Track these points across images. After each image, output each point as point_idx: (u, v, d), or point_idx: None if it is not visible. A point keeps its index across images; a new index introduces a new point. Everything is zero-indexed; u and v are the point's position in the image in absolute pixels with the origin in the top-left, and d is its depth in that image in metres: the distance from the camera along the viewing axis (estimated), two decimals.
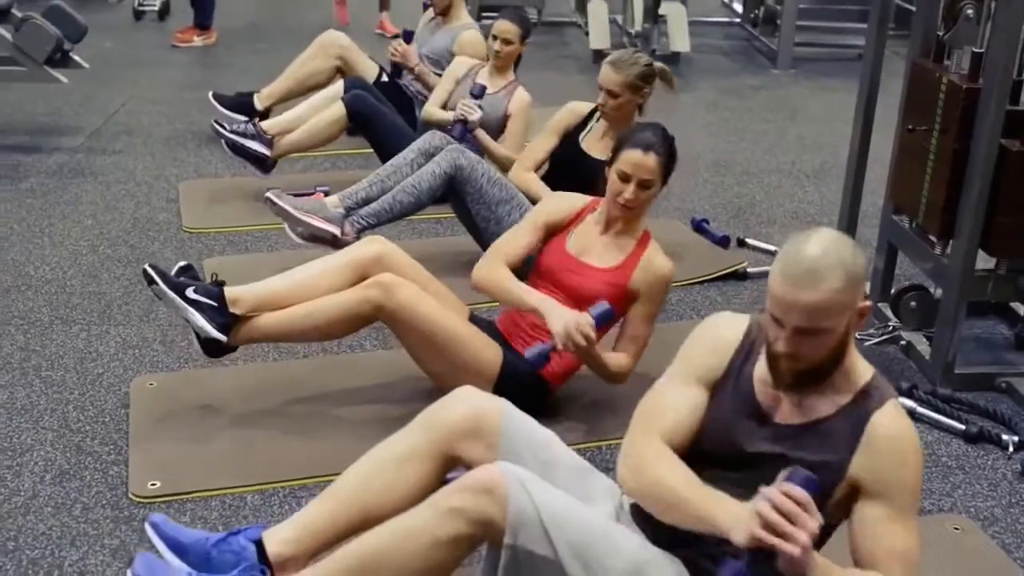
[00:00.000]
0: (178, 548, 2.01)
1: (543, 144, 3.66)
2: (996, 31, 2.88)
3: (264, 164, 4.23)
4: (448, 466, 2.03)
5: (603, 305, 2.58)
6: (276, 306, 2.72)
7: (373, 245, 2.83)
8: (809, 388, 1.81)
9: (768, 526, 1.58)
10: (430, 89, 4.44)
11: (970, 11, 3.01)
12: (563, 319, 2.56)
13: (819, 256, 1.69)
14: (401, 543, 1.81)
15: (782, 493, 1.60)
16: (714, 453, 1.86)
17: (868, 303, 1.77)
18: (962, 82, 2.99)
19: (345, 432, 2.75)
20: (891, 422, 1.79)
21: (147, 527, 2.04)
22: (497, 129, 4.03)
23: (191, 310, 2.64)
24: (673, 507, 1.76)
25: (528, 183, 3.60)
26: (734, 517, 1.65)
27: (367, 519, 1.94)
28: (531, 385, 2.74)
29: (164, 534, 2.02)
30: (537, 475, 1.85)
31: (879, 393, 1.81)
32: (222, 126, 4.20)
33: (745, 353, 1.89)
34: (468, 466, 1.97)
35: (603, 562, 1.78)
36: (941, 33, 3.18)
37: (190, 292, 2.66)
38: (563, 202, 2.91)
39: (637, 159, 2.68)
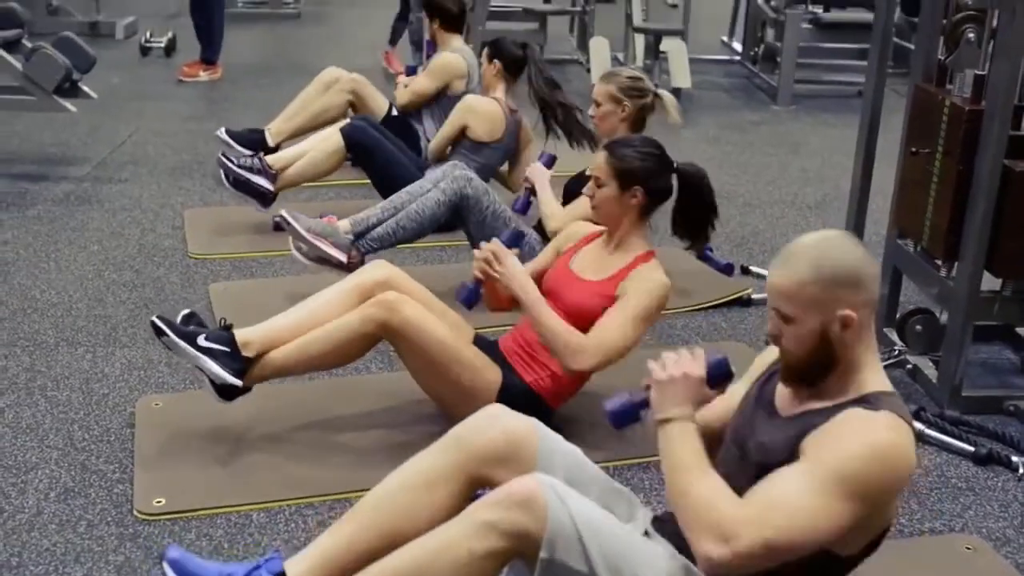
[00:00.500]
0: None
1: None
2: (998, 54, 2.91)
3: (266, 199, 4.24)
4: (476, 487, 1.97)
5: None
6: (285, 342, 2.69)
7: (377, 271, 2.83)
8: (805, 387, 1.79)
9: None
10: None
11: (971, 34, 3.05)
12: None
13: (802, 244, 1.75)
14: (435, 558, 1.76)
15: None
16: (726, 438, 1.91)
17: (851, 313, 1.71)
18: (965, 104, 3.01)
19: (350, 452, 2.74)
20: (863, 416, 1.68)
21: (165, 565, 1.94)
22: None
23: (205, 358, 2.61)
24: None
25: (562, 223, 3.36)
26: None
27: (390, 544, 1.87)
28: (530, 407, 2.71)
29: (183, 570, 1.94)
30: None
31: (879, 403, 1.72)
32: (229, 160, 4.21)
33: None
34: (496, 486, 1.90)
35: (636, 573, 1.75)
36: (943, 57, 3.21)
37: (201, 340, 2.62)
38: (579, 228, 2.99)
39: (595, 156, 2.78)
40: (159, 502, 2.50)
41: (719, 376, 1.82)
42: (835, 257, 1.71)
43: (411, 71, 4.68)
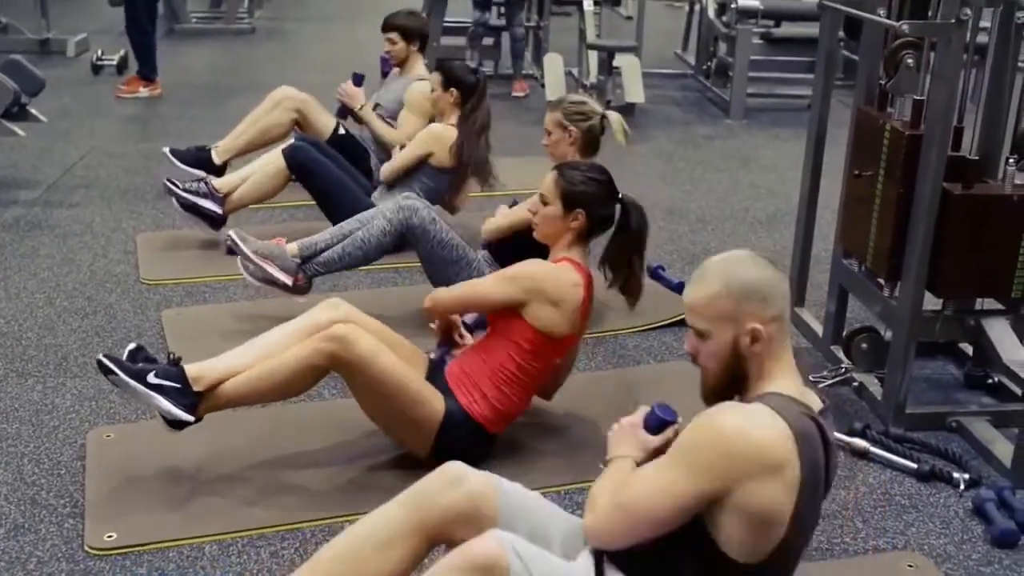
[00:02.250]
0: None
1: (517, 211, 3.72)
2: (935, 79, 2.98)
3: (215, 222, 4.24)
4: (435, 545, 2.00)
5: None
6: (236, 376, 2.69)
7: (332, 311, 2.81)
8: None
9: None
10: (375, 135, 4.55)
11: (910, 60, 3.11)
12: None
13: (713, 262, 1.90)
14: None
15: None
16: None
17: (758, 326, 1.82)
18: (905, 128, 3.08)
19: (303, 481, 2.75)
20: (726, 405, 1.83)
21: None
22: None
23: (155, 395, 2.58)
24: None
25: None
26: None
27: None
28: (472, 434, 2.75)
29: None
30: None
31: (759, 399, 1.81)
32: (175, 185, 4.20)
33: None
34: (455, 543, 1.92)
35: None
36: (884, 82, 3.28)
37: (151, 377, 2.60)
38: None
39: (546, 177, 2.86)
40: (110, 536, 2.49)
41: (653, 424, 2.01)
42: (743, 273, 1.86)
43: (358, 80, 4.66)
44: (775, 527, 1.76)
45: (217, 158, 4.70)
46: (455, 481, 2.00)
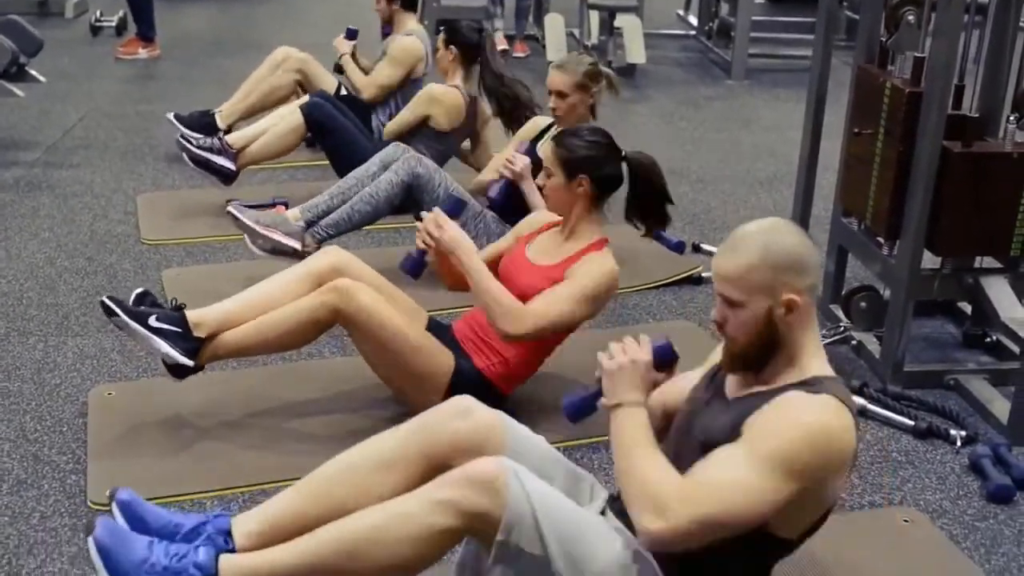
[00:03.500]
0: (143, 531, 1.93)
1: (507, 153, 3.71)
2: (936, 36, 2.96)
3: (228, 178, 4.24)
4: (435, 474, 1.95)
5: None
6: (237, 324, 2.72)
7: (329, 256, 2.85)
8: (750, 373, 1.85)
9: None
10: (352, 84, 4.58)
11: (911, 17, 3.10)
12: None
13: (748, 231, 1.80)
14: (392, 528, 1.78)
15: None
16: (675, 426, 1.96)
17: (794, 297, 1.77)
18: (905, 86, 3.07)
19: (305, 438, 2.77)
20: (801, 398, 1.73)
21: (113, 505, 1.95)
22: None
23: (155, 338, 2.62)
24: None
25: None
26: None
27: (338, 516, 1.88)
28: (482, 392, 2.75)
29: (131, 515, 1.94)
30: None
31: (820, 386, 1.77)
32: (188, 141, 4.20)
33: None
34: None
35: (589, 560, 1.79)
36: (884, 39, 3.26)
37: (152, 320, 2.64)
38: (537, 216, 3.04)
39: (544, 148, 2.80)
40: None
41: (664, 359, 1.90)
42: (781, 242, 1.78)
43: (351, 34, 4.65)
44: (828, 507, 1.82)
45: (221, 122, 4.70)
46: (464, 412, 2.01)
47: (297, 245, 3.47)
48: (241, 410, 2.88)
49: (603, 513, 1.99)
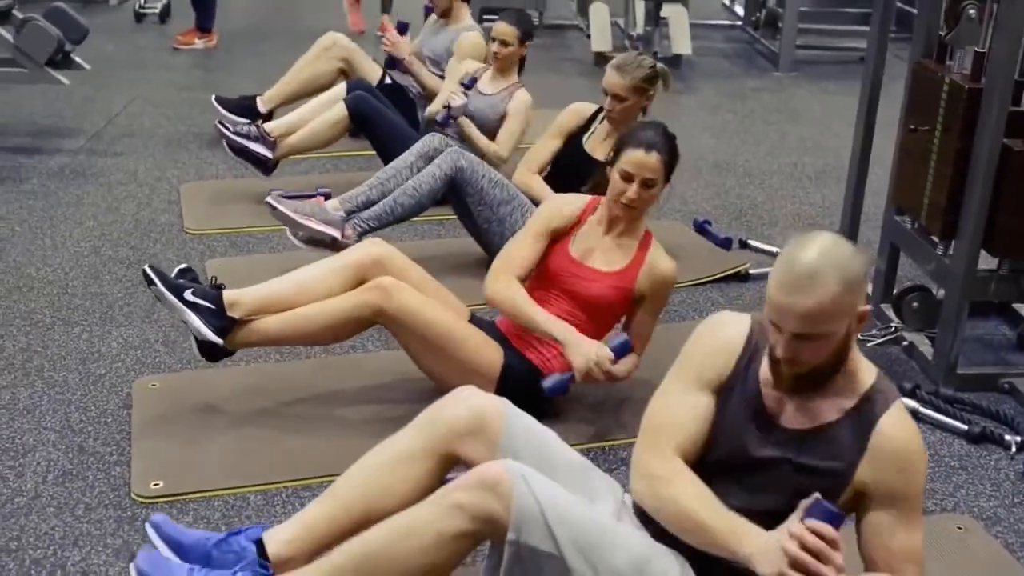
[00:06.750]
0: (178, 548, 2.01)
1: (547, 146, 3.67)
2: (998, 31, 2.88)
3: (265, 166, 4.25)
4: (448, 465, 2.04)
5: (621, 337, 2.66)
6: (275, 309, 2.71)
7: (372, 248, 2.83)
8: (811, 391, 1.81)
9: (797, 565, 1.64)
10: (423, 86, 4.50)
11: (972, 11, 3.01)
12: (584, 354, 2.62)
13: (816, 261, 1.68)
14: (403, 539, 1.81)
15: (809, 530, 1.65)
16: (723, 461, 1.87)
17: (867, 307, 1.76)
18: (964, 82, 2.99)
19: (347, 432, 2.75)
20: (897, 430, 1.80)
21: (148, 527, 2.05)
22: (496, 130, 4.04)
23: (188, 312, 2.64)
24: (692, 531, 1.79)
25: (531, 186, 3.61)
26: (759, 548, 1.69)
27: (367, 519, 1.94)
28: (533, 386, 2.74)
29: (165, 535, 2.03)
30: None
31: (883, 397, 1.82)
32: (226, 127, 4.22)
33: (750, 354, 1.88)
34: (468, 465, 1.97)
35: (606, 557, 1.78)
36: (943, 33, 3.18)
37: (188, 294, 2.65)
38: (565, 206, 2.85)
39: (639, 158, 2.68)
40: (156, 484, 2.51)
41: (827, 519, 1.74)
42: (849, 264, 1.71)
43: (402, 28, 4.62)
44: None
45: (262, 106, 4.72)
46: (462, 398, 2.06)
47: (336, 234, 3.45)
48: (284, 404, 2.87)
49: (619, 516, 1.98)
